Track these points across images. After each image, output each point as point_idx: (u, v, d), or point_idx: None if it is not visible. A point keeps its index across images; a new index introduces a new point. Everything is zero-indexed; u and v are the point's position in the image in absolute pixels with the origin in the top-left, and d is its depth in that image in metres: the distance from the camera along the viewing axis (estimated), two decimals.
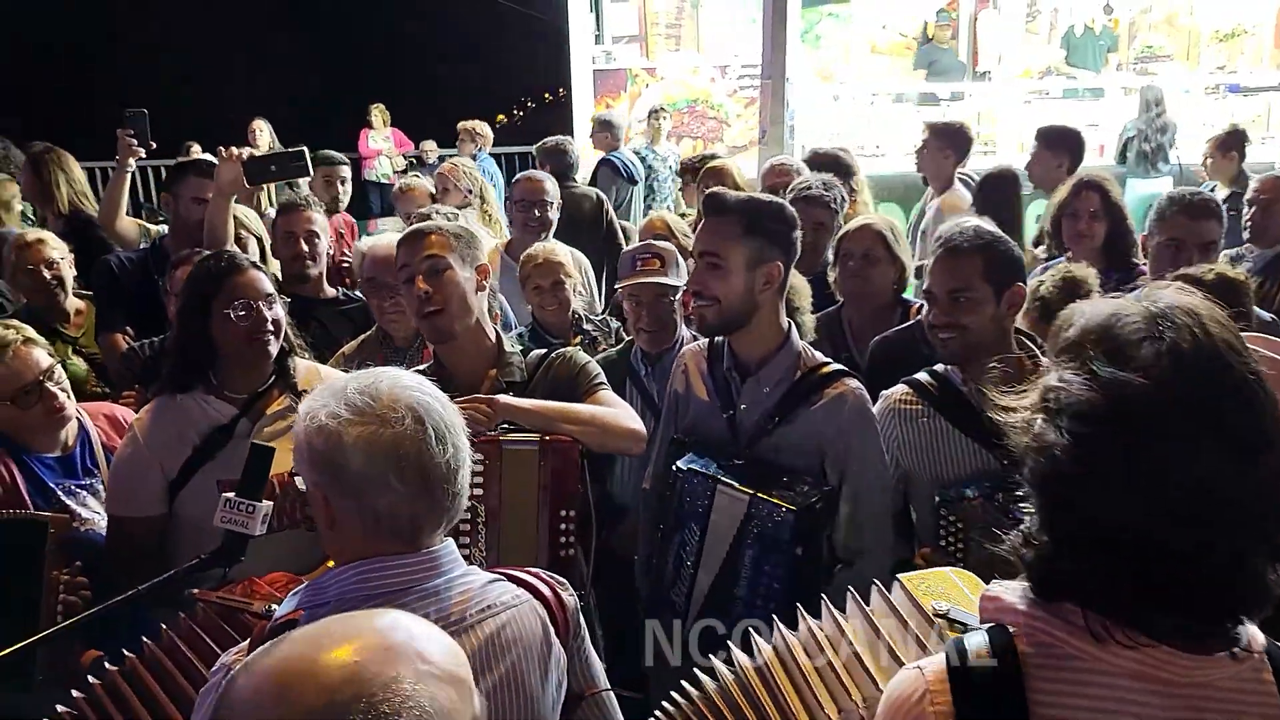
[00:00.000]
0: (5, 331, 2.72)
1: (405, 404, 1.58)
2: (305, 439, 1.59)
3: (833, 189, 4.27)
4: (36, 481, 2.72)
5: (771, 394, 2.61)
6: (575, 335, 4.00)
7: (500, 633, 1.64)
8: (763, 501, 2.40)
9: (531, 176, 5.13)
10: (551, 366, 2.75)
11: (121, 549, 2.61)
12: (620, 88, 9.96)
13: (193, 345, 2.67)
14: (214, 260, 2.73)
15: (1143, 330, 1.16)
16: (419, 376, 1.68)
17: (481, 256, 2.72)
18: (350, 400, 1.57)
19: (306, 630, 1.05)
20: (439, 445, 1.58)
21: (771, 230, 2.57)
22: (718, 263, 2.54)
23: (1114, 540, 1.12)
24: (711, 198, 2.63)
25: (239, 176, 3.69)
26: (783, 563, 2.39)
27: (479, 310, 2.69)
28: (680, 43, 10.23)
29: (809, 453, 2.56)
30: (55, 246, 4.16)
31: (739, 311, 2.56)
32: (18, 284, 4.17)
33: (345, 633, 1.02)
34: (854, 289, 3.73)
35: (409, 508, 1.57)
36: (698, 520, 2.51)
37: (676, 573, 2.55)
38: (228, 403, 2.67)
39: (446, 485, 1.60)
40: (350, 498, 1.57)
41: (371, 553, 1.59)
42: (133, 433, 2.65)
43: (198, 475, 2.59)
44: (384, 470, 1.54)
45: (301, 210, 4.06)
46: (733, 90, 9.95)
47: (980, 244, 2.58)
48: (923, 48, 9.77)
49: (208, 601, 2.01)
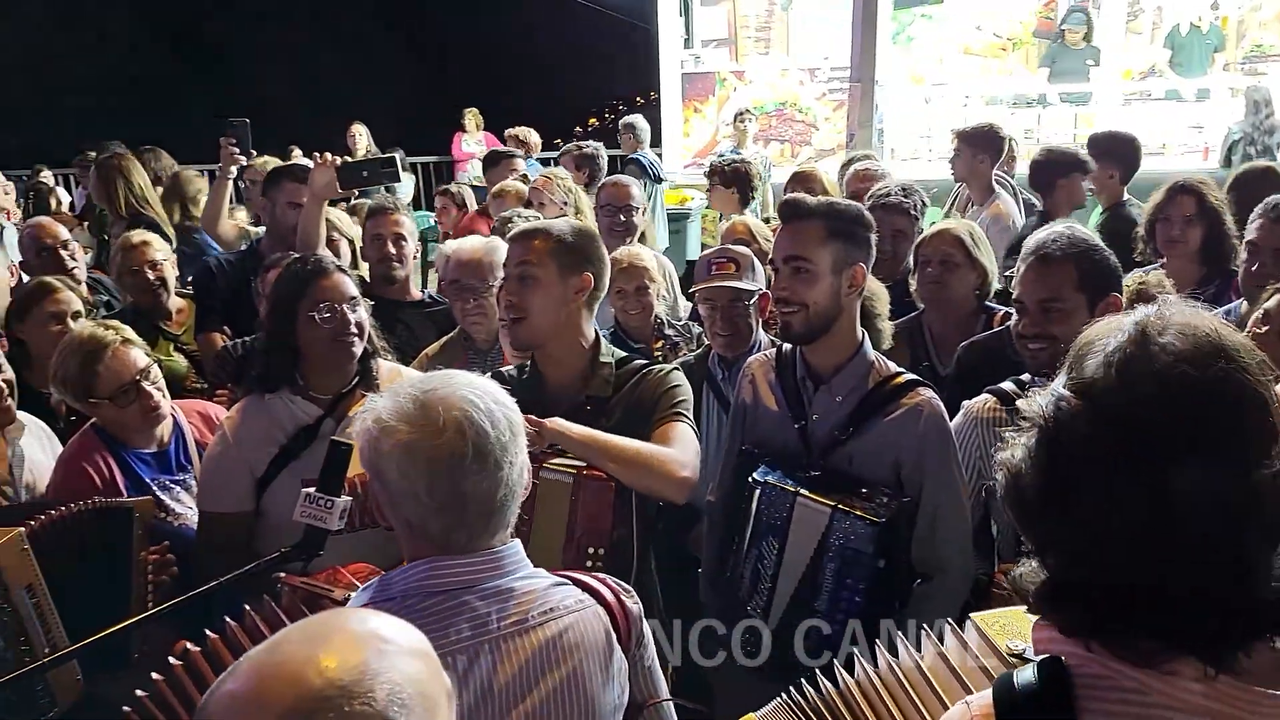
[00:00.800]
0: (105, 332, 2.84)
1: (453, 416, 1.58)
2: (358, 438, 1.64)
3: (912, 195, 4.21)
4: (133, 476, 2.84)
5: (844, 404, 2.56)
6: (657, 340, 4.01)
7: (562, 636, 1.65)
8: (845, 514, 2.36)
9: (618, 181, 5.17)
10: (641, 383, 2.65)
11: (211, 543, 2.69)
12: (709, 91, 9.95)
13: (279, 347, 2.74)
14: (300, 264, 2.80)
15: (1111, 344, 1.08)
16: (490, 384, 1.68)
17: (588, 264, 2.63)
18: (401, 405, 1.59)
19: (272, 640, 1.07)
20: (476, 462, 1.58)
21: (853, 233, 2.54)
22: (806, 267, 2.49)
23: (1093, 573, 1.06)
24: (791, 203, 2.60)
25: (333, 181, 3.81)
26: (865, 576, 2.35)
27: (574, 319, 2.63)
28: (769, 46, 10.17)
29: (883, 465, 2.50)
30: (159, 248, 4.33)
31: (826, 317, 2.52)
32: (123, 283, 4.35)
33: (308, 634, 1.05)
34: (933, 295, 3.67)
35: (436, 521, 1.59)
36: (776, 533, 2.47)
37: (754, 586, 2.51)
38: (313, 403, 2.73)
39: (479, 504, 1.60)
40: (390, 502, 1.61)
41: (423, 553, 1.62)
42: (222, 431, 2.74)
43: (283, 474, 2.66)
44: (414, 482, 1.57)
45: (390, 214, 4.14)
46: (821, 93, 9.86)
47: (1074, 252, 2.50)
48: (1051, 46, 9.52)
49: (293, 585, 2.07)
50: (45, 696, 2.31)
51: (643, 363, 2.72)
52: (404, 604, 1.59)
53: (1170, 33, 9.46)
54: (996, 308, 3.67)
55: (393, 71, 18.34)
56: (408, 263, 4.12)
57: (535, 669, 1.62)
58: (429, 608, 1.59)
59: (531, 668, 1.61)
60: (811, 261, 2.49)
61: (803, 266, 2.50)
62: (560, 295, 2.58)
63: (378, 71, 18.43)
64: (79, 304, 3.65)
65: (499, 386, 1.71)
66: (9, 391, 2.89)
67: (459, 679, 1.56)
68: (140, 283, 4.20)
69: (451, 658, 1.55)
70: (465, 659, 1.57)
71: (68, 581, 2.41)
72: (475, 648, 1.58)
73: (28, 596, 2.33)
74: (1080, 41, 9.38)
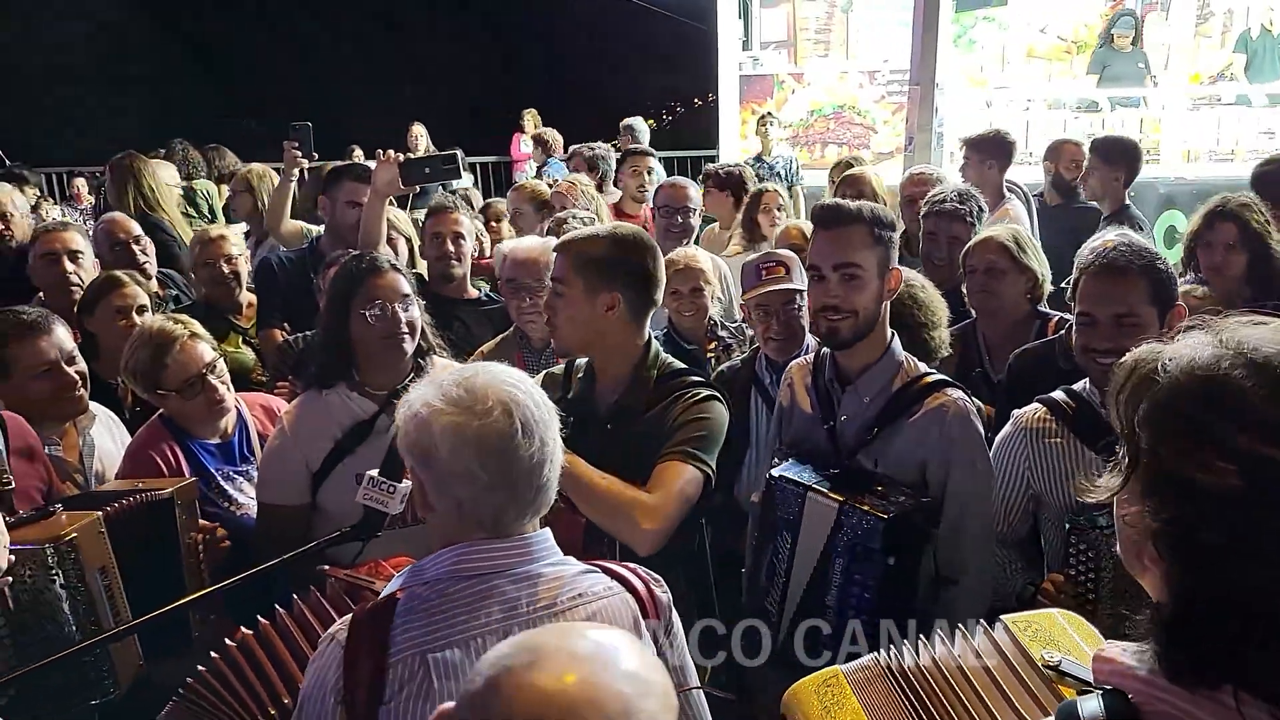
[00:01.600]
0: (174, 326, 2.93)
1: (497, 397, 1.65)
2: (403, 425, 1.69)
3: (969, 201, 4.18)
4: (198, 466, 2.92)
5: (871, 405, 2.56)
6: (710, 341, 4.03)
7: (590, 621, 1.68)
8: (852, 509, 2.35)
9: (675, 183, 5.20)
10: (672, 405, 2.59)
11: (269, 534, 2.75)
12: (767, 93, 9.92)
13: (335, 343, 2.81)
14: (355, 262, 2.87)
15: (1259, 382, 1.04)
16: (520, 373, 1.75)
17: (620, 280, 2.61)
18: (446, 391, 1.66)
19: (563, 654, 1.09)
20: (525, 439, 1.64)
21: (890, 238, 2.54)
22: (857, 273, 2.47)
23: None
24: (832, 209, 2.57)
25: (395, 178, 3.89)
26: (874, 573, 2.34)
27: (609, 331, 2.62)
28: (829, 48, 10.12)
29: (909, 464, 2.50)
30: (235, 243, 4.49)
31: (871, 321, 2.53)
32: (198, 276, 4.49)
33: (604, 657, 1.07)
34: (982, 305, 3.66)
35: (490, 499, 1.65)
36: (790, 528, 2.48)
37: (770, 580, 2.53)
38: (369, 399, 2.80)
39: (530, 479, 1.67)
40: (439, 486, 1.66)
41: (463, 538, 1.67)
42: (281, 425, 2.82)
43: (339, 468, 2.73)
44: (468, 460, 1.62)
45: (449, 212, 4.21)
46: (880, 96, 9.78)
47: (1142, 264, 2.46)
48: (1099, 50, 9.36)
49: (337, 577, 2.14)
50: (109, 678, 2.38)
51: (683, 383, 2.64)
52: (437, 588, 1.66)
53: (1241, 36, 9.25)
54: (1051, 313, 3.64)
55: (453, 72, 18.53)
56: (465, 261, 4.19)
57: None
58: (460, 591, 1.65)
59: None
60: (862, 267, 2.48)
61: (854, 273, 2.48)
62: (587, 313, 2.57)
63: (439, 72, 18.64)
64: (146, 298, 3.77)
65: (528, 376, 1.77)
66: (83, 383, 2.98)
67: None
68: (215, 275, 4.33)
69: (482, 639, 1.61)
70: (496, 640, 1.61)
71: (131, 569, 2.48)
72: (505, 630, 1.63)
73: (100, 579, 2.41)
74: (1128, 45, 9.19)
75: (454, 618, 1.63)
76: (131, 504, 2.55)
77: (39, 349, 2.90)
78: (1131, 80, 9.26)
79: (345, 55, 19.20)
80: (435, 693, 1.59)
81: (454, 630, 1.62)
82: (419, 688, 1.59)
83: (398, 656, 1.60)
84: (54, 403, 2.93)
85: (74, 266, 4.06)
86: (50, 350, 2.91)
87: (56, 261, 4.07)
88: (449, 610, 1.64)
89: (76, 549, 2.36)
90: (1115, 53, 9.25)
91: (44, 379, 2.91)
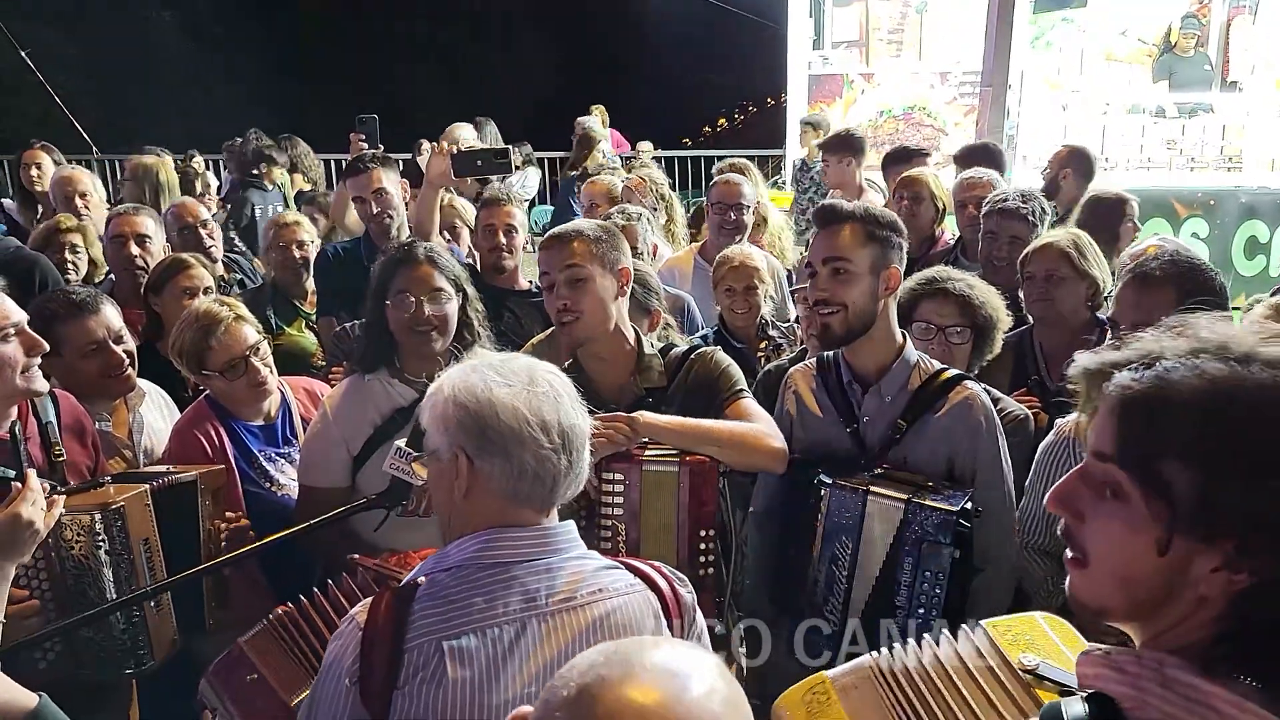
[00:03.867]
0: (220, 309, 2.99)
1: (534, 372, 1.70)
2: (448, 402, 1.69)
3: (1030, 201, 4.09)
4: (242, 447, 2.98)
5: (894, 403, 2.60)
6: (760, 340, 4.01)
7: (609, 617, 1.69)
8: (919, 506, 2.38)
9: (729, 180, 5.16)
10: (693, 368, 2.73)
11: (308, 516, 2.76)
12: (836, 93, 9.81)
13: (376, 329, 2.84)
14: (397, 251, 2.91)
15: None
16: (549, 365, 1.78)
17: (624, 259, 2.74)
18: (488, 373, 1.69)
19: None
20: (570, 400, 1.71)
21: (889, 238, 2.57)
22: (845, 267, 2.54)
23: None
24: (826, 209, 2.66)
25: (447, 170, 3.95)
26: (943, 568, 2.36)
27: (619, 316, 2.72)
28: (901, 48, 9.97)
29: (937, 460, 2.55)
30: (308, 230, 4.62)
31: (864, 318, 2.56)
32: (269, 259, 4.61)
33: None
34: (1041, 313, 3.55)
35: (554, 461, 1.67)
36: (849, 533, 2.48)
37: (830, 588, 2.52)
38: (409, 386, 2.83)
39: (580, 437, 1.71)
40: (498, 455, 1.65)
41: (505, 520, 1.68)
42: (323, 408, 2.86)
43: (377, 453, 2.75)
44: (534, 427, 1.65)
45: (503, 205, 4.25)
46: (952, 98, 9.61)
47: (1175, 272, 2.42)
48: (1163, 57, 9.10)
49: (366, 566, 2.16)
50: (144, 648, 2.44)
51: (685, 347, 2.81)
52: (460, 574, 1.66)
53: None
54: (1110, 321, 3.53)
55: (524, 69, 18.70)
56: (517, 253, 4.23)
57: (580, 647, 1.65)
58: (482, 579, 1.65)
59: (577, 645, 1.65)
60: (850, 261, 2.54)
61: (842, 267, 2.54)
62: (610, 292, 2.67)
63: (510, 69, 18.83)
64: (210, 280, 3.86)
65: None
66: (130, 362, 3.06)
67: (505, 650, 1.61)
68: (286, 260, 4.48)
69: (499, 629, 1.62)
70: (513, 630, 1.63)
71: (168, 542, 2.54)
72: (523, 620, 1.63)
73: (144, 549, 2.47)
74: (1191, 49, 8.89)
75: (472, 606, 1.63)
76: (165, 483, 2.60)
77: (87, 328, 2.97)
78: (1198, 85, 8.97)
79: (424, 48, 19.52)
80: (449, 680, 1.59)
81: (471, 618, 1.63)
82: (433, 674, 1.59)
83: (414, 642, 1.61)
84: (102, 381, 3.00)
85: (139, 250, 4.18)
86: (98, 329, 2.99)
87: (124, 245, 4.21)
88: (468, 598, 1.64)
89: (124, 517, 2.43)
90: (1178, 58, 8.96)
91: (92, 358, 2.98)
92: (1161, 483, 1.04)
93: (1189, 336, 1.10)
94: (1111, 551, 1.10)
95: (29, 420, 2.59)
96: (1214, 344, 1.07)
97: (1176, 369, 1.06)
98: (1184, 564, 1.05)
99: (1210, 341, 1.07)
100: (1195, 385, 1.04)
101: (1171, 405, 1.05)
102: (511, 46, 19.25)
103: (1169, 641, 1.08)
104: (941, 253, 4.86)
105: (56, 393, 2.74)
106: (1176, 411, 1.04)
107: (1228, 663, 1.03)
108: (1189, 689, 1.03)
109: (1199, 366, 1.05)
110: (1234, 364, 1.04)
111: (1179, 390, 1.05)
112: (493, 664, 1.61)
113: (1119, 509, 1.08)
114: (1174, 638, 1.07)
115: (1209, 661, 1.04)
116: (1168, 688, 1.04)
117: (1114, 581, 1.11)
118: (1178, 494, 1.03)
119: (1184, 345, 1.08)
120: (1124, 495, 1.08)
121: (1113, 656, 1.10)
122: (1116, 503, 1.09)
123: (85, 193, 5.22)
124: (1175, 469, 1.03)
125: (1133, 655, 1.09)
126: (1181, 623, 1.07)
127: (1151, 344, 1.11)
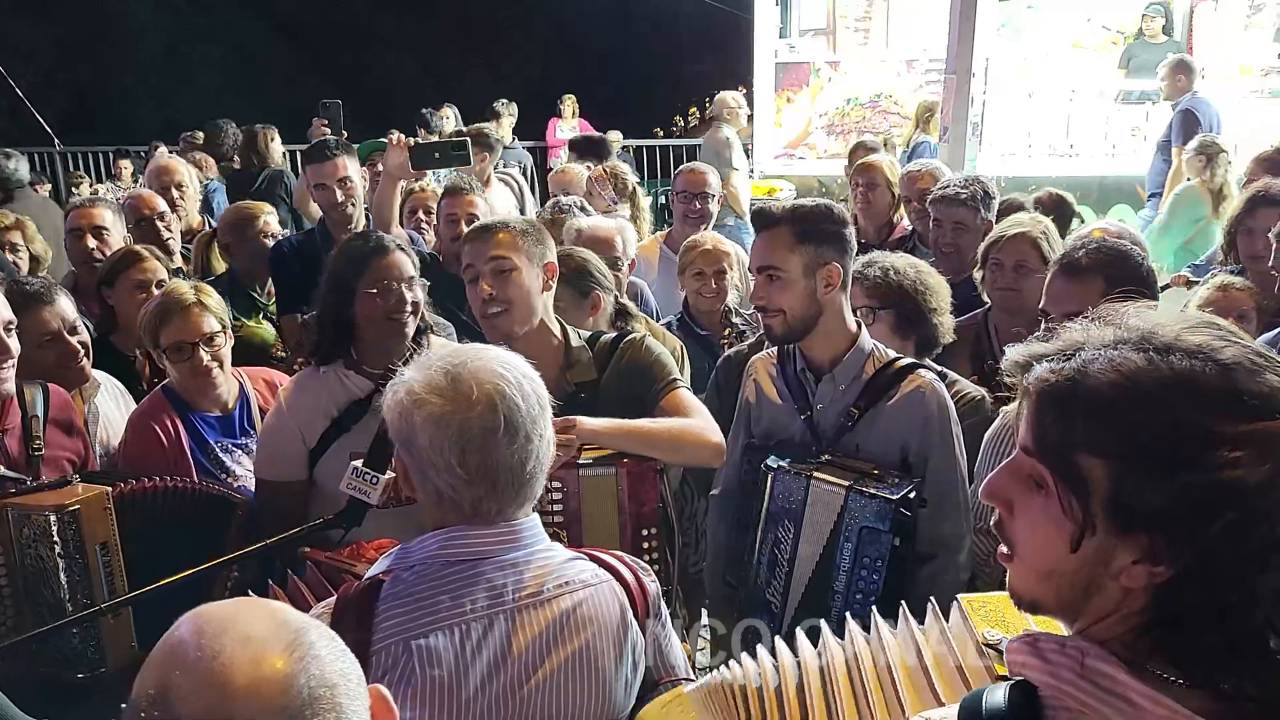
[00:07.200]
0: (188, 292, 2.98)
1: (484, 389, 1.61)
2: (388, 409, 1.67)
3: (972, 186, 4.14)
4: (198, 438, 2.96)
5: (848, 392, 2.61)
6: (724, 328, 4.02)
7: (576, 610, 1.68)
8: (859, 493, 2.40)
9: (695, 169, 5.17)
10: (623, 356, 2.72)
11: (266, 509, 2.78)
12: (803, 81, 9.83)
13: (333, 321, 2.82)
14: (361, 241, 2.88)
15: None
16: (517, 358, 1.72)
17: (550, 254, 2.75)
18: (432, 378, 1.63)
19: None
20: (507, 435, 1.61)
21: (823, 233, 2.58)
22: (778, 274, 2.57)
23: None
24: (760, 213, 2.68)
25: (405, 162, 3.93)
26: (881, 555, 2.38)
27: (545, 309, 2.72)
28: (869, 36, 10.00)
29: (890, 448, 2.56)
30: (274, 222, 4.60)
31: (804, 318, 2.59)
32: (233, 249, 4.56)
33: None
34: (1007, 302, 3.52)
35: (468, 492, 1.63)
36: (792, 517, 2.50)
37: (771, 572, 2.54)
38: (366, 378, 2.80)
39: (511, 474, 1.64)
40: (418, 471, 1.64)
41: (447, 523, 1.66)
42: (279, 401, 2.84)
43: (334, 446, 2.74)
44: (447, 453, 1.60)
45: (464, 194, 4.25)
46: (918, 85, 9.65)
47: (1102, 260, 2.46)
48: (1131, 44, 9.16)
49: (316, 561, 2.15)
50: (97, 652, 2.41)
51: (613, 334, 2.81)
52: (422, 573, 1.64)
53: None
54: None
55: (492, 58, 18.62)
56: None
57: (548, 641, 1.66)
58: (448, 576, 1.64)
59: (545, 640, 1.65)
60: (782, 269, 2.57)
61: (774, 274, 2.58)
62: (536, 284, 2.67)
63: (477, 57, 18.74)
64: (165, 273, 3.81)
65: (525, 361, 1.75)
66: (85, 353, 3.04)
67: (474, 647, 1.60)
68: (251, 251, 4.41)
69: (466, 626, 1.60)
70: (481, 627, 1.62)
71: (154, 550, 2.49)
72: (491, 617, 1.62)
73: (101, 554, 2.44)
74: (1159, 34, 8.95)
75: (439, 604, 1.62)
76: (154, 486, 2.60)
77: (42, 319, 2.95)
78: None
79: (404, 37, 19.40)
80: (419, 679, 1.57)
81: (438, 616, 1.61)
82: (402, 674, 1.58)
83: (381, 643, 1.59)
84: (57, 371, 2.97)
85: (97, 242, 4.14)
86: (53, 320, 2.97)
87: (81, 237, 4.18)
88: (434, 596, 1.63)
89: (78, 520, 2.40)
90: (1147, 44, 9.03)
91: (47, 348, 2.96)
92: (1078, 476, 1.04)
93: (1115, 325, 1.09)
94: (1036, 545, 1.10)
95: (10, 413, 2.58)
96: (1138, 333, 1.06)
97: (1095, 360, 1.05)
98: (1106, 557, 1.05)
99: (1136, 330, 1.07)
100: (1108, 377, 1.03)
101: (1084, 398, 1.04)
102: (475, 35, 19.15)
103: (1098, 633, 1.08)
104: (898, 239, 4.88)
105: (51, 386, 2.76)
106: (1089, 404, 1.04)
107: (1153, 656, 1.04)
108: (1106, 680, 1.03)
109: (1114, 358, 1.04)
110: (1153, 354, 1.02)
111: (1092, 382, 1.04)
112: (461, 661, 1.60)
113: (1043, 502, 1.08)
114: (1103, 629, 1.08)
115: (1134, 654, 1.04)
116: (1085, 678, 1.03)
117: (1038, 575, 1.11)
118: (1093, 487, 1.03)
119: (1109, 335, 1.08)
120: (1047, 488, 1.08)
121: (1039, 644, 1.10)
122: (1041, 496, 1.08)
123: (182, 184, 5.26)
124: (1090, 462, 1.03)
125: (1057, 643, 1.08)
126: (1109, 615, 1.07)
127: (1078, 334, 1.10)
